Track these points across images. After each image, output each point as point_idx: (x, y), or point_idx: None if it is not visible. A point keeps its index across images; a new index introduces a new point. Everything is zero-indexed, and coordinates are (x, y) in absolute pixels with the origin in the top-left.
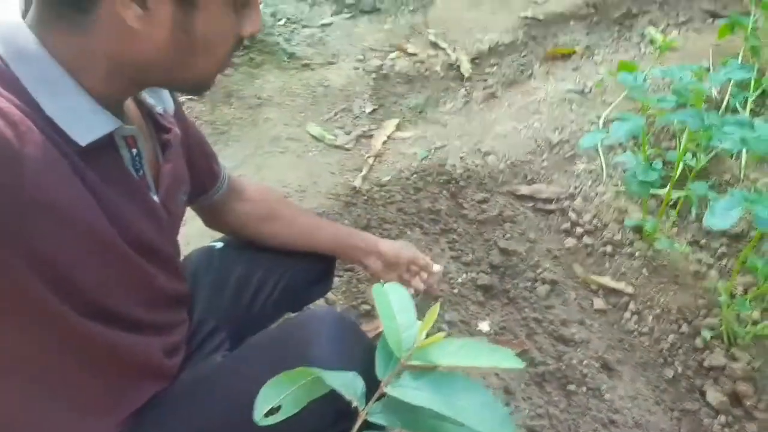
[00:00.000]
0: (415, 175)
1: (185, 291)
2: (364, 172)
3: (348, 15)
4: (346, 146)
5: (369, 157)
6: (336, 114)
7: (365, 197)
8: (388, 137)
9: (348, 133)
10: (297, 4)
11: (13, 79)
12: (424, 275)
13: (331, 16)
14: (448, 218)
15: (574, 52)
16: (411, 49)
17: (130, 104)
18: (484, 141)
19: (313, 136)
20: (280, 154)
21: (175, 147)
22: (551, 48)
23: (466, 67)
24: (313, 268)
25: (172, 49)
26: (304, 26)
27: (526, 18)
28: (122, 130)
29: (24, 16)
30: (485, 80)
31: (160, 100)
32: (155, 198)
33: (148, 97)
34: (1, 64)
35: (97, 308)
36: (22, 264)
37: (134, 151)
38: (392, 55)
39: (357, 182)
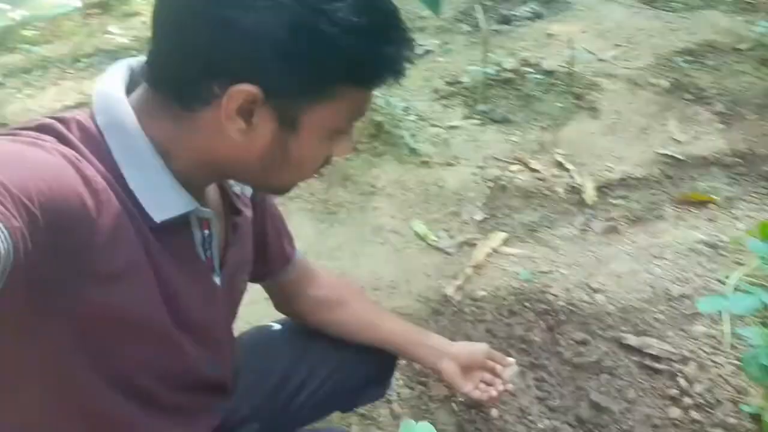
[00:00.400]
0: (512, 297)
1: (229, 378)
2: (459, 281)
3: (477, 121)
4: (448, 250)
5: (468, 266)
6: (444, 215)
7: (455, 308)
8: (493, 250)
9: (452, 237)
10: (431, 103)
11: (106, 149)
12: (500, 385)
13: (461, 119)
14: (540, 352)
15: (712, 201)
16: (534, 164)
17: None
18: (596, 276)
19: (417, 234)
20: (380, 244)
21: (245, 228)
22: (687, 192)
23: (590, 194)
24: (372, 365)
25: (265, 160)
26: (432, 125)
27: (665, 155)
28: (198, 211)
29: (127, 93)
30: (608, 212)
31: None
32: (217, 280)
33: None
34: (97, 133)
35: (130, 384)
36: (67, 330)
37: (206, 232)
38: (514, 167)
39: (450, 290)
